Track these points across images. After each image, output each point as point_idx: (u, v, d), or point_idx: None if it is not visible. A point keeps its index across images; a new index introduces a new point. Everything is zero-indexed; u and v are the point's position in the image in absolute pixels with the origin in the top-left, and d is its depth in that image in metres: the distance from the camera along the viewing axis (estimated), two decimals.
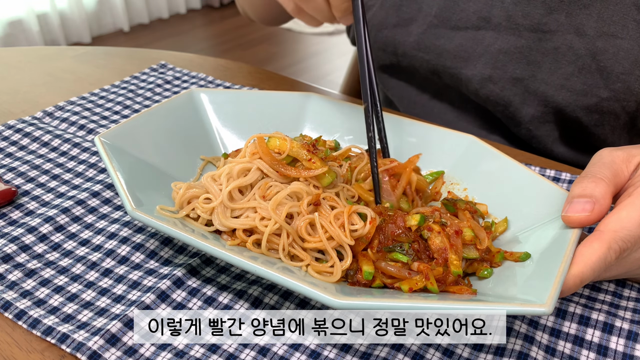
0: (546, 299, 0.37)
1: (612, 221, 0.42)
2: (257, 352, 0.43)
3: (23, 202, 0.58)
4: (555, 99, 0.69)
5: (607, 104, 0.67)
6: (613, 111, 0.67)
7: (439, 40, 0.74)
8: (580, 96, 0.68)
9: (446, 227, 0.47)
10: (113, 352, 0.42)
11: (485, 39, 0.71)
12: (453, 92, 0.79)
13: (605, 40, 0.64)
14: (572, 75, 0.67)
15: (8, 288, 0.48)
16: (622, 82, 0.64)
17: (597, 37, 0.64)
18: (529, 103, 0.71)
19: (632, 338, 0.44)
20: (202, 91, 0.66)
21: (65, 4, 3.17)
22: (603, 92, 0.66)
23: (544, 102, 0.70)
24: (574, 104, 0.68)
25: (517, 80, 0.71)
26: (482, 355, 0.43)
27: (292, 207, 0.48)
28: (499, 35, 0.70)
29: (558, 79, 0.68)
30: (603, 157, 0.48)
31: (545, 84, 0.69)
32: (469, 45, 0.73)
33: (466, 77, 0.74)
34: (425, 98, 0.83)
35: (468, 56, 0.73)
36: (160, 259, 0.52)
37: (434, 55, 0.75)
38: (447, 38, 0.74)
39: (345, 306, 0.38)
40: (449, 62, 0.74)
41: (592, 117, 0.69)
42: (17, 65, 0.90)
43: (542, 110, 0.71)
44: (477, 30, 0.72)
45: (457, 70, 0.74)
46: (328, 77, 2.90)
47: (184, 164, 0.60)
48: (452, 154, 0.60)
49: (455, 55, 0.74)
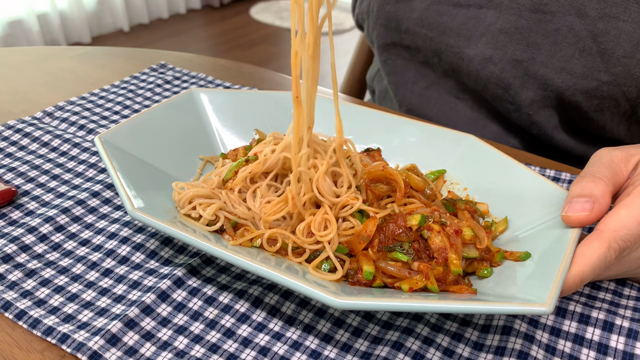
0: (546, 298, 0.37)
1: (612, 220, 0.42)
2: (258, 352, 0.43)
3: (23, 202, 0.58)
4: (555, 82, 0.69)
5: (607, 88, 0.66)
6: (613, 96, 0.67)
7: (442, 17, 0.74)
8: (580, 79, 0.67)
9: (446, 227, 0.48)
10: (113, 352, 0.42)
11: (487, 18, 0.71)
12: (451, 79, 0.79)
13: (606, 22, 0.63)
14: (572, 58, 0.67)
15: (8, 288, 0.48)
16: (622, 65, 0.64)
17: (599, 19, 0.64)
18: (529, 86, 0.71)
19: (633, 336, 0.44)
20: (201, 91, 0.66)
21: (65, 4, 3.17)
22: (603, 76, 0.66)
23: (544, 86, 0.70)
24: (574, 87, 0.68)
25: (516, 62, 0.71)
26: (483, 355, 0.43)
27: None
28: (500, 14, 0.70)
29: (558, 61, 0.68)
30: (602, 157, 0.48)
31: (545, 67, 0.69)
32: (471, 23, 0.72)
33: (468, 57, 0.73)
34: (422, 86, 0.82)
35: (470, 35, 0.73)
36: (161, 258, 0.52)
37: (437, 32, 0.75)
38: (449, 15, 0.74)
39: (346, 306, 0.38)
40: (451, 40, 0.74)
41: (591, 102, 0.68)
42: (17, 65, 0.90)
43: (542, 94, 0.71)
44: (479, 9, 0.71)
45: (459, 49, 0.74)
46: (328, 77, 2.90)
47: (184, 164, 0.60)
48: (452, 154, 0.60)
49: (457, 34, 0.73)
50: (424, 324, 0.45)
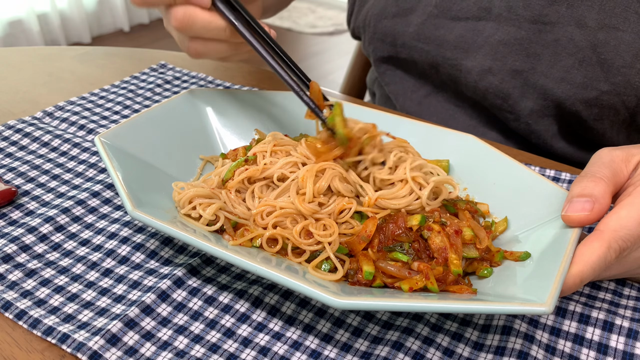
0: (546, 298, 0.37)
1: (612, 220, 0.42)
2: (258, 352, 0.43)
3: (23, 202, 0.58)
4: (555, 92, 0.69)
5: (607, 97, 0.66)
6: (613, 105, 0.67)
7: (439, 31, 0.74)
8: (580, 89, 0.67)
9: (446, 227, 0.48)
10: (114, 352, 0.42)
11: (485, 30, 0.71)
12: (450, 89, 0.79)
13: (606, 33, 0.63)
14: (572, 68, 0.67)
15: (8, 288, 0.48)
16: (622, 75, 0.64)
17: (598, 29, 0.64)
18: (528, 96, 0.71)
19: (633, 336, 0.44)
20: (202, 91, 0.66)
21: (65, 4, 3.17)
22: (603, 86, 0.66)
23: (543, 96, 0.70)
24: (574, 97, 0.68)
25: (516, 73, 0.71)
26: (483, 355, 0.43)
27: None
28: (499, 26, 0.70)
29: (558, 71, 0.68)
30: (602, 157, 0.48)
31: (545, 77, 0.69)
32: (469, 36, 0.72)
33: (466, 68, 0.73)
34: (421, 95, 0.82)
35: (468, 47, 0.73)
36: (161, 258, 0.52)
37: (434, 45, 0.75)
38: (447, 28, 0.73)
39: (346, 306, 0.38)
40: (449, 53, 0.74)
41: (591, 111, 0.68)
42: (17, 65, 0.90)
43: (542, 103, 0.71)
44: (478, 21, 0.71)
45: (457, 61, 0.74)
46: (328, 77, 2.90)
47: (184, 164, 0.60)
48: (452, 154, 0.60)
49: (455, 46, 0.73)
50: (424, 324, 0.45)
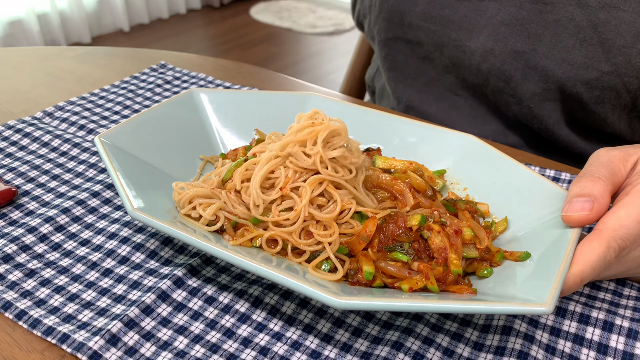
0: (546, 298, 0.37)
1: (611, 220, 0.43)
2: (258, 352, 0.43)
3: (23, 202, 0.58)
4: (556, 73, 0.69)
5: (608, 78, 0.66)
6: (614, 87, 0.67)
7: (444, 10, 0.75)
8: (581, 70, 0.67)
9: (446, 227, 0.48)
10: (114, 352, 0.42)
11: (488, 10, 0.72)
12: (452, 74, 0.79)
13: (607, 12, 0.63)
14: (573, 48, 0.67)
15: (8, 288, 0.48)
16: (623, 55, 0.64)
17: (599, 9, 0.64)
18: (530, 78, 0.71)
19: (632, 336, 0.44)
20: (202, 91, 0.66)
21: (65, 4, 3.17)
22: (604, 66, 0.66)
23: (545, 77, 0.70)
24: (575, 78, 0.68)
25: (517, 54, 0.71)
26: (483, 355, 0.43)
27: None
28: (501, 6, 0.70)
29: (559, 52, 0.68)
30: (600, 157, 0.48)
31: (546, 58, 0.69)
32: (473, 16, 0.73)
33: (469, 50, 0.74)
34: (422, 82, 0.82)
35: (472, 27, 0.73)
36: (161, 259, 0.52)
37: (440, 26, 0.75)
38: (451, 8, 0.74)
39: (346, 306, 0.38)
40: (454, 34, 0.75)
41: (592, 94, 0.68)
42: (17, 65, 0.90)
43: (543, 86, 0.71)
44: (481, 1, 0.72)
45: (461, 42, 0.74)
46: (328, 77, 2.90)
47: (184, 164, 0.60)
48: (452, 154, 0.60)
49: (459, 27, 0.74)
50: (424, 324, 0.45)
